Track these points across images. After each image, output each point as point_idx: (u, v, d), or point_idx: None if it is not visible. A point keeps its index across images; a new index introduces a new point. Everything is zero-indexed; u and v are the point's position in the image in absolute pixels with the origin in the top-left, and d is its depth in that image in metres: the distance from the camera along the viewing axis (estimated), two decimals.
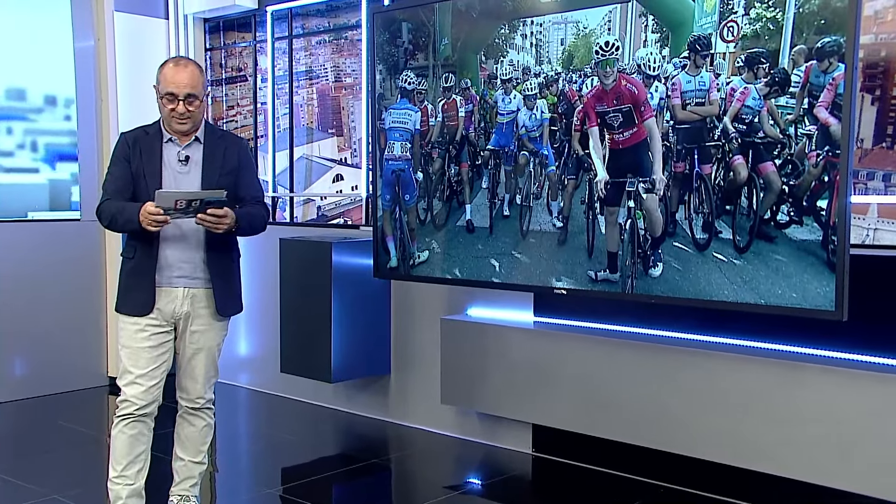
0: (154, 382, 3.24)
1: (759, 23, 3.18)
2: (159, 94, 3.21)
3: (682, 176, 3.42)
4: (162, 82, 3.20)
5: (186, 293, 3.26)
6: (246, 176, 3.38)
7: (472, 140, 4.02)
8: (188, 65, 3.22)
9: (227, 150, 3.32)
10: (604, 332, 4.04)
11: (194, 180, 3.25)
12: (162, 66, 3.23)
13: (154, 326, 3.24)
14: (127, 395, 3.22)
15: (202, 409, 3.43)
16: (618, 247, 3.60)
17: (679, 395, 3.72)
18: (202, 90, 3.23)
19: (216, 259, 3.29)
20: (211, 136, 3.33)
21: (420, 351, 4.89)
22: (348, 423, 5.10)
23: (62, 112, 5.85)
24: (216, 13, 5.92)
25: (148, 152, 3.23)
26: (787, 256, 3.19)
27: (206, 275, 3.27)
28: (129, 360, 3.23)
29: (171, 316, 3.26)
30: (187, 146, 3.26)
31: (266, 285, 5.46)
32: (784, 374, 3.46)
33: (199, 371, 3.36)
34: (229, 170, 3.31)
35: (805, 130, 3.13)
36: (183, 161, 3.25)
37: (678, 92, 3.38)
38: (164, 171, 3.23)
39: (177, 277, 3.24)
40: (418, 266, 4.24)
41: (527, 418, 4.31)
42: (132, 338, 3.23)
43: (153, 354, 3.23)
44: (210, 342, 3.36)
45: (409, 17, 4.17)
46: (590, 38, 3.60)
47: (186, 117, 3.19)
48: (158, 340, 3.25)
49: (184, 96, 3.17)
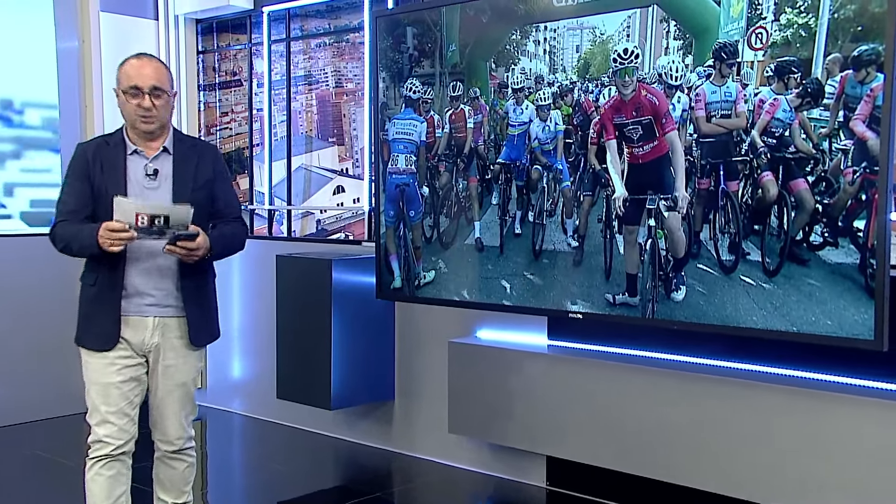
0: (127, 419, 3.14)
1: (791, 29, 3.14)
2: (121, 92, 3.07)
3: (706, 193, 3.39)
4: (123, 78, 3.07)
5: (157, 322, 3.13)
6: (221, 189, 3.28)
7: (481, 153, 4.00)
8: (152, 59, 3.13)
9: (199, 161, 3.20)
10: (623, 358, 4.00)
11: (164, 196, 3.11)
12: (122, 64, 3.11)
13: (124, 359, 3.11)
14: (99, 435, 3.12)
15: (182, 451, 3.31)
16: (637, 268, 3.57)
17: (706, 426, 3.68)
18: (169, 87, 3.11)
19: (190, 284, 3.16)
20: (180, 145, 3.20)
21: (426, 376, 4.86)
22: (349, 453, 5.07)
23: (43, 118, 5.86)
24: (209, 14, 5.91)
25: (110, 166, 3.09)
26: (821, 281, 3.15)
27: (178, 302, 3.15)
28: (99, 397, 3.11)
29: (140, 348, 3.14)
30: (155, 158, 3.13)
31: (262, 305, 5.45)
32: (818, 405, 3.41)
33: (175, 409, 3.24)
34: (203, 183, 3.19)
35: (840, 145, 3.10)
36: (151, 175, 3.12)
37: (702, 103, 3.35)
38: (130, 186, 3.09)
39: (147, 306, 3.11)
40: (424, 287, 4.22)
41: (540, 449, 4.28)
42: (101, 373, 3.11)
43: (124, 390, 3.12)
44: (185, 377, 3.24)
45: (413, 20, 4.15)
46: (607, 44, 3.57)
47: (153, 115, 3.06)
48: (129, 374, 3.13)
49: (149, 89, 3.04)
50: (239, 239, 3.31)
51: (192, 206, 3.02)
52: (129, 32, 5.85)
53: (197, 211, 3.08)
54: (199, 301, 3.21)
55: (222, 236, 3.21)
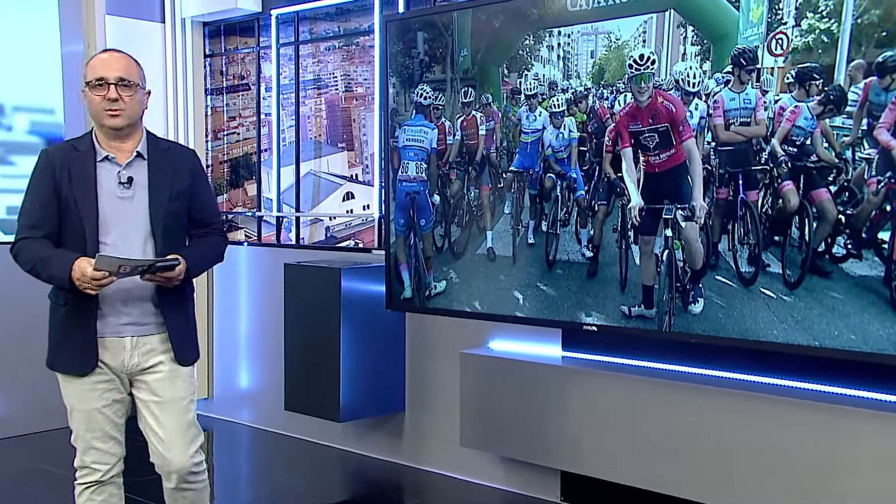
0: (114, 441, 3.04)
1: (812, 35, 3.12)
2: (86, 87, 2.94)
3: (725, 203, 3.37)
4: (89, 72, 2.94)
5: (136, 342, 2.99)
6: (200, 196, 3.13)
7: (493, 161, 3.99)
8: (123, 54, 3.02)
9: (176, 167, 3.05)
10: (640, 370, 3.97)
11: (139, 207, 2.96)
12: (89, 60, 3.00)
13: (105, 383, 2.98)
14: (86, 462, 3.03)
15: (188, 482, 3.09)
16: (654, 280, 3.55)
17: (726, 441, 3.64)
18: (140, 81, 2.97)
19: (169, 299, 3.01)
20: (155, 149, 3.04)
21: (438, 387, 4.85)
22: (358, 466, 5.06)
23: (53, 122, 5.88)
24: (216, 16, 5.91)
25: (79, 174, 2.92)
26: (844, 294, 3.13)
27: (157, 318, 3.00)
28: (82, 424, 3.01)
29: (120, 369, 3.00)
30: (128, 165, 2.97)
31: (269, 314, 5.44)
32: (842, 421, 3.37)
33: (172, 431, 3.03)
34: (180, 191, 3.03)
35: (864, 154, 3.07)
36: (125, 184, 2.95)
37: (721, 110, 3.33)
38: (102, 197, 2.93)
39: (123, 325, 2.97)
40: (434, 297, 4.20)
41: (555, 464, 4.25)
42: (81, 399, 2.99)
43: (108, 414, 3.01)
44: (178, 392, 3.05)
45: (424, 25, 4.14)
46: (623, 50, 3.56)
47: (120, 108, 2.91)
48: (112, 398, 3.01)
49: (115, 80, 2.90)
50: (217, 252, 3.20)
51: (179, 258, 2.93)
52: (135, 36, 5.85)
53: (173, 221, 3.02)
54: (180, 316, 3.07)
55: (201, 255, 3.10)
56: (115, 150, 2.99)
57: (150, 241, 2.98)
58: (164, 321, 3.01)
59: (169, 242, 3.01)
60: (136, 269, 2.84)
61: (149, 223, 2.98)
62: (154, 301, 3.01)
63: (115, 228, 2.95)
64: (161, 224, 2.99)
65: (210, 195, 3.27)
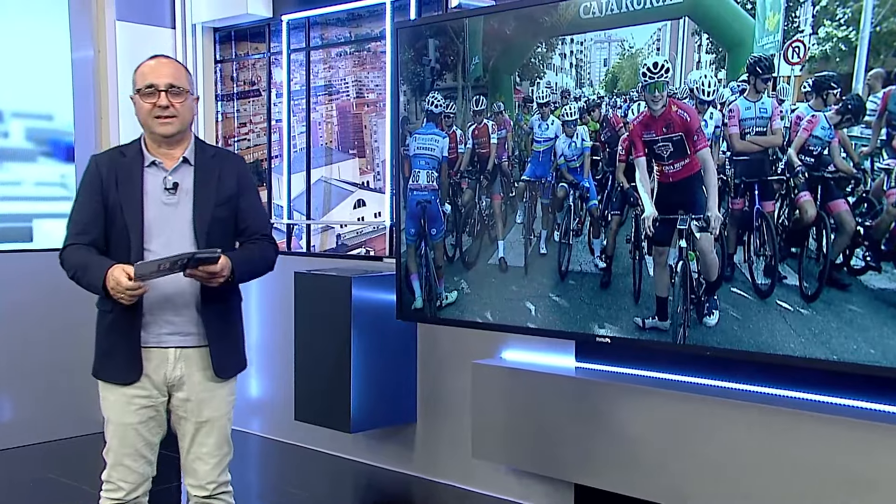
0: (144, 460, 3.03)
1: (830, 43, 3.09)
2: (136, 94, 2.95)
3: (740, 214, 3.34)
4: (138, 79, 2.95)
5: (179, 354, 2.99)
6: (247, 203, 3.11)
7: (505, 169, 3.97)
8: (170, 59, 3.04)
9: (222, 173, 3.04)
10: (656, 382, 3.94)
11: (184, 214, 2.97)
12: (138, 67, 3.01)
13: (143, 398, 2.98)
14: (113, 477, 3.01)
15: (215, 497, 3.11)
16: (668, 291, 3.52)
17: (745, 455, 3.60)
18: (189, 87, 2.99)
19: (213, 309, 3.01)
20: (202, 155, 3.05)
21: (450, 398, 4.84)
22: (369, 477, 5.06)
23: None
24: (227, 22, 5.93)
25: (126, 179, 2.95)
26: (863, 307, 3.10)
27: (200, 329, 2.99)
28: (115, 437, 3.00)
29: (163, 382, 3.00)
30: (175, 170, 2.98)
31: (280, 323, 5.44)
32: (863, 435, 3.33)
33: (206, 449, 3.06)
34: (226, 197, 3.03)
35: (883, 165, 3.04)
36: (170, 189, 2.97)
37: (736, 119, 3.31)
38: (147, 202, 2.95)
39: (167, 335, 2.97)
40: (446, 308, 4.19)
41: (568, 477, 4.23)
42: (118, 412, 2.99)
43: (142, 431, 3.00)
44: (216, 412, 3.06)
45: (435, 32, 4.12)
46: (636, 58, 3.54)
47: (171, 115, 2.92)
48: (149, 414, 3.00)
49: (165, 86, 2.91)
50: (267, 260, 3.14)
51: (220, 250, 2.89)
52: (145, 41, 5.87)
53: (218, 228, 3.00)
54: (224, 328, 3.06)
55: (248, 260, 3.05)
56: (162, 156, 3.00)
57: (194, 248, 2.96)
58: (207, 332, 3.00)
59: None
60: (177, 265, 2.79)
61: (193, 229, 2.98)
62: (198, 310, 2.99)
63: (159, 234, 2.96)
64: (205, 230, 2.98)
65: (258, 202, 3.22)
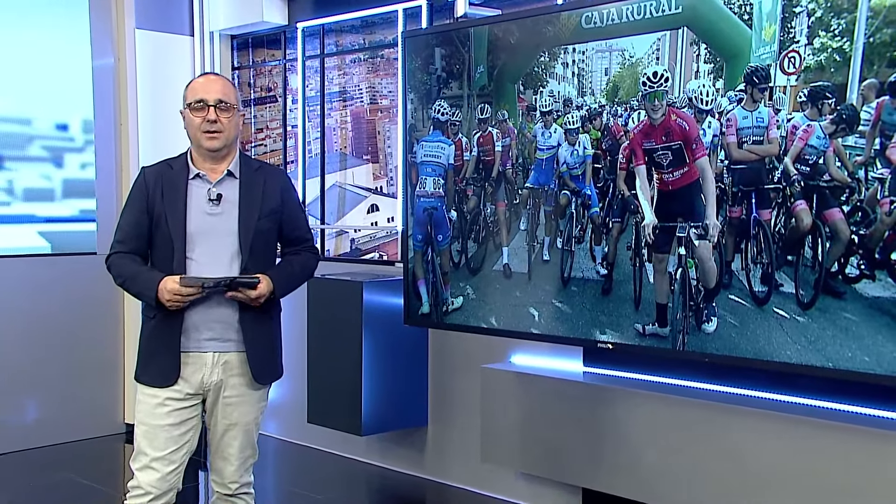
0: (173, 468, 3.07)
1: (825, 53, 3.14)
2: (186, 108, 3.09)
3: (738, 222, 3.39)
4: (189, 94, 3.10)
5: (217, 359, 3.08)
6: (291, 215, 3.25)
7: (509, 177, 4.04)
8: (220, 76, 3.23)
9: (266, 187, 3.15)
10: (663, 387, 3.99)
11: (229, 224, 3.08)
12: (190, 82, 3.17)
13: (176, 401, 3.05)
14: (140, 481, 3.05)
15: (237, 496, 3.23)
16: (667, 298, 3.58)
17: (749, 459, 3.65)
18: (236, 103, 3.12)
19: (253, 317, 3.10)
20: (247, 169, 3.16)
21: (460, 401, 4.91)
22: (381, 479, 5.14)
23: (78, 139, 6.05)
24: (244, 30, 6.06)
25: (171, 191, 3.07)
26: (858, 315, 3.13)
27: (239, 336, 3.09)
28: (145, 439, 3.06)
29: (199, 387, 3.08)
30: (219, 182, 3.10)
31: (292, 327, 5.49)
32: (862, 441, 3.37)
33: (232, 451, 3.18)
34: (270, 210, 3.15)
35: (877, 174, 3.08)
36: (215, 200, 3.08)
37: (733, 128, 3.36)
38: (191, 213, 3.06)
39: (206, 340, 3.06)
40: (452, 313, 4.26)
41: (576, 481, 4.29)
42: (150, 413, 3.06)
43: (173, 434, 3.06)
44: (245, 416, 3.17)
45: (442, 41, 4.21)
46: (636, 67, 3.59)
47: (217, 129, 3.04)
48: (181, 417, 3.07)
49: (215, 102, 3.04)
50: (306, 269, 3.30)
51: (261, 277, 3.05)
52: (164, 49, 6.02)
53: (261, 240, 3.12)
54: (262, 336, 3.15)
55: (290, 274, 3.21)
56: (208, 169, 3.12)
57: (238, 259, 3.09)
58: (245, 339, 3.10)
59: (256, 260, 3.11)
60: (219, 285, 2.98)
61: (237, 241, 3.09)
62: (238, 319, 3.09)
63: (202, 244, 3.08)
64: (249, 242, 3.10)
65: (301, 214, 3.35)
